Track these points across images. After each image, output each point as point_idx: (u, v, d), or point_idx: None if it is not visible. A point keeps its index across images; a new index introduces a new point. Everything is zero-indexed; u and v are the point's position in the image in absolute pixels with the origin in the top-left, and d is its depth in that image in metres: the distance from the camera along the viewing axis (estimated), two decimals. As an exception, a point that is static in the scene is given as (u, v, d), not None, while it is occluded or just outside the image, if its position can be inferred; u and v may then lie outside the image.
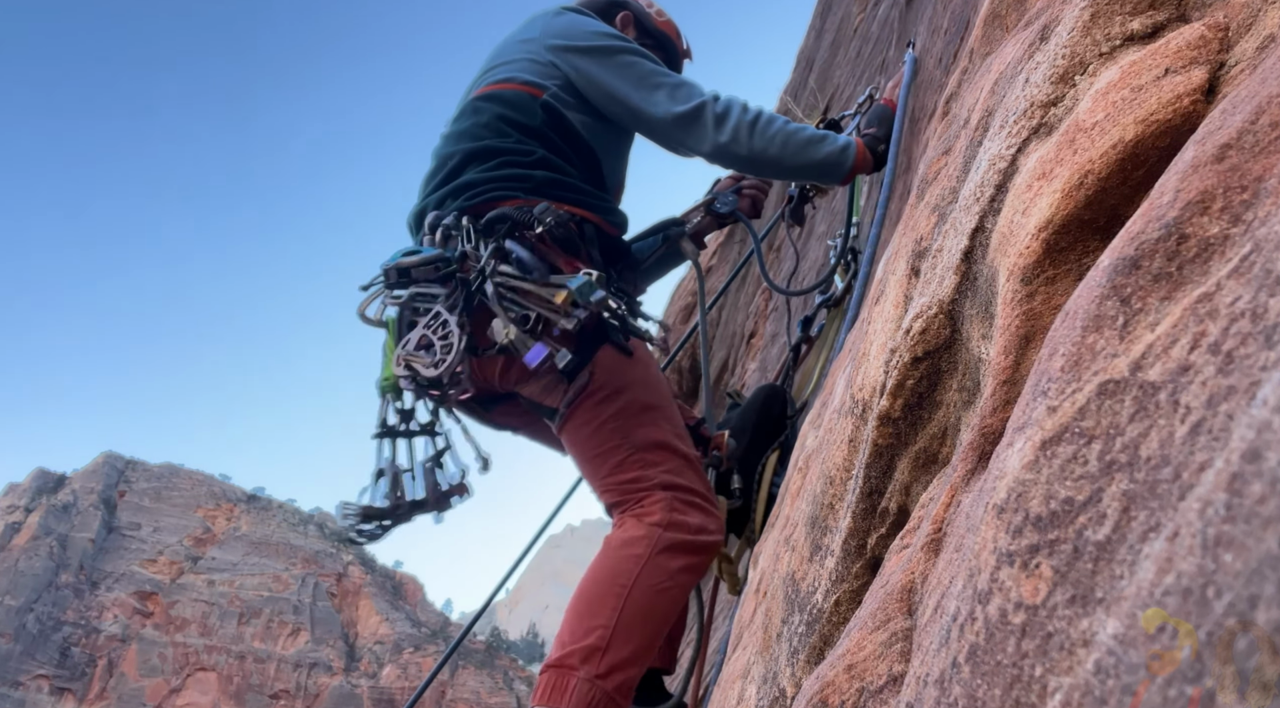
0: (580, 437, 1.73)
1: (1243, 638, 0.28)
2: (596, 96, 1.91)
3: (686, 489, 1.66)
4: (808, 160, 1.93)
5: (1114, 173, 0.64)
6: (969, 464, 0.69)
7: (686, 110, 1.87)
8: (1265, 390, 0.32)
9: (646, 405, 1.72)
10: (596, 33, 1.94)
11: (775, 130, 1.91)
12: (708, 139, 1.88)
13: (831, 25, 6.95)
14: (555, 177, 1.81)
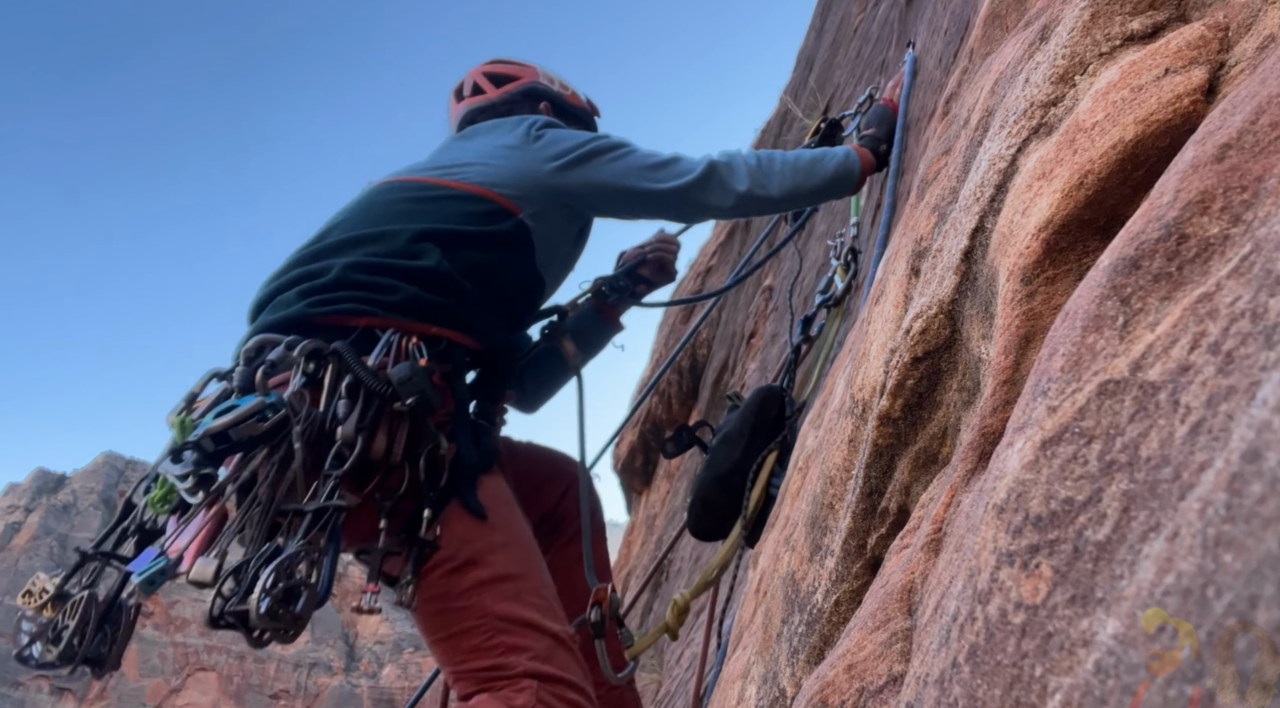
0: (427, 613, 1.48)
1: (1243, 638, 0.28)
2: (600, 201, 1.83)
3: (557, 679, 1.43)
4: (821, 179, 1.93)
5: (1114, 173, 0.64)
6: (969, 464, 0.69)
7: (699, 176, 1.84)
8: (1265, 390, 0.32)
9: (507, 575, 1.48)
10: (583, 139, 1.84)
11: (781, 163, 1.91)
12: (731, 192, 1.86)
13: (831, 25, 6.95)
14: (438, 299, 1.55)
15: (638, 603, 6.50)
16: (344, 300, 1.51)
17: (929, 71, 2.26)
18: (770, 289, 5.90)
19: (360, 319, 1.49)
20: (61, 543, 55.36)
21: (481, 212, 1.69)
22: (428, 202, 1.70)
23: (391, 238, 1.62)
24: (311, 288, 1.53)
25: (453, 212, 1.68)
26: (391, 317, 1.51)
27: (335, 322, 1.49)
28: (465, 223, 1.66)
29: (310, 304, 1.50)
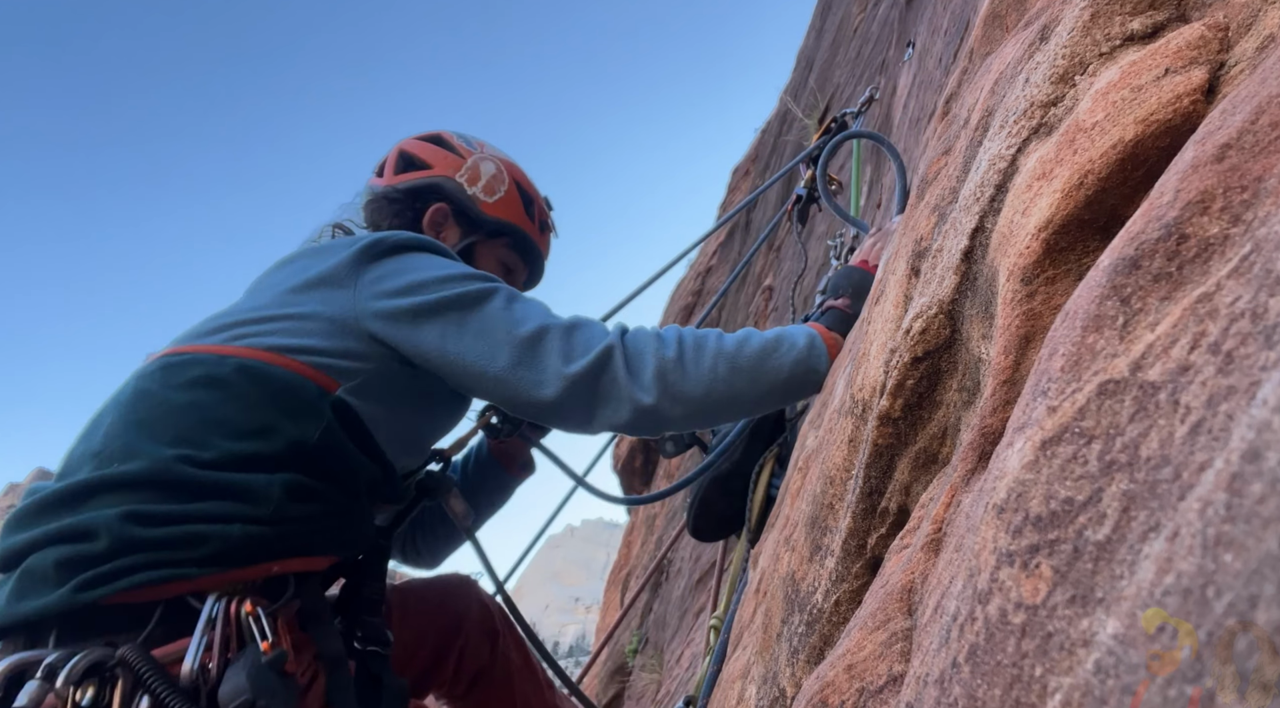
0: None
1: (1243, 638, 0.28)
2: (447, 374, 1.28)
3: None
4: (772, 382, 1.30)
5: (1114, 173, 0.64)
6: (969, 464, 0.69)
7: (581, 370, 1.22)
8: (1265, 390, 0.32)
9: None
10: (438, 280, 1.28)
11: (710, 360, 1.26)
12: (624, 405, 1.23)
13: (831, 25, 6.96)
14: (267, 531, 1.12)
15: (638, 603, 6.51)
16: (131, 571, 1.03)
17: (929, 71, 2.26)
18: (770, 289, 5.90)
19: (161, 589, 1.05)
20: (61, 543, 55.39)
21: (281, 394, 1.19)
22: (209, 388, 1.17)
23: (175, 463, 1.12)
24: (76, 558, 1.04)
25: (245, 402, 1.17)
26: (207, 573, 1.07)
27: (125, 600, 1.04)
28: (266, 417, 1.17)
29: (78, 587, 1.02)
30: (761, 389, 1.30)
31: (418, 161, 1.63)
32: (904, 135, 2.75)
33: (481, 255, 1.63)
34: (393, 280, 1.29)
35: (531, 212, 1.68)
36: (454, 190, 1.59)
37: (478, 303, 1.28)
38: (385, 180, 1.62)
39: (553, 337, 1.26)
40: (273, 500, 1.13)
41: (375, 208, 1.61)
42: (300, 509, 1.15)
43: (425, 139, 1.67)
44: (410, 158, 1.63)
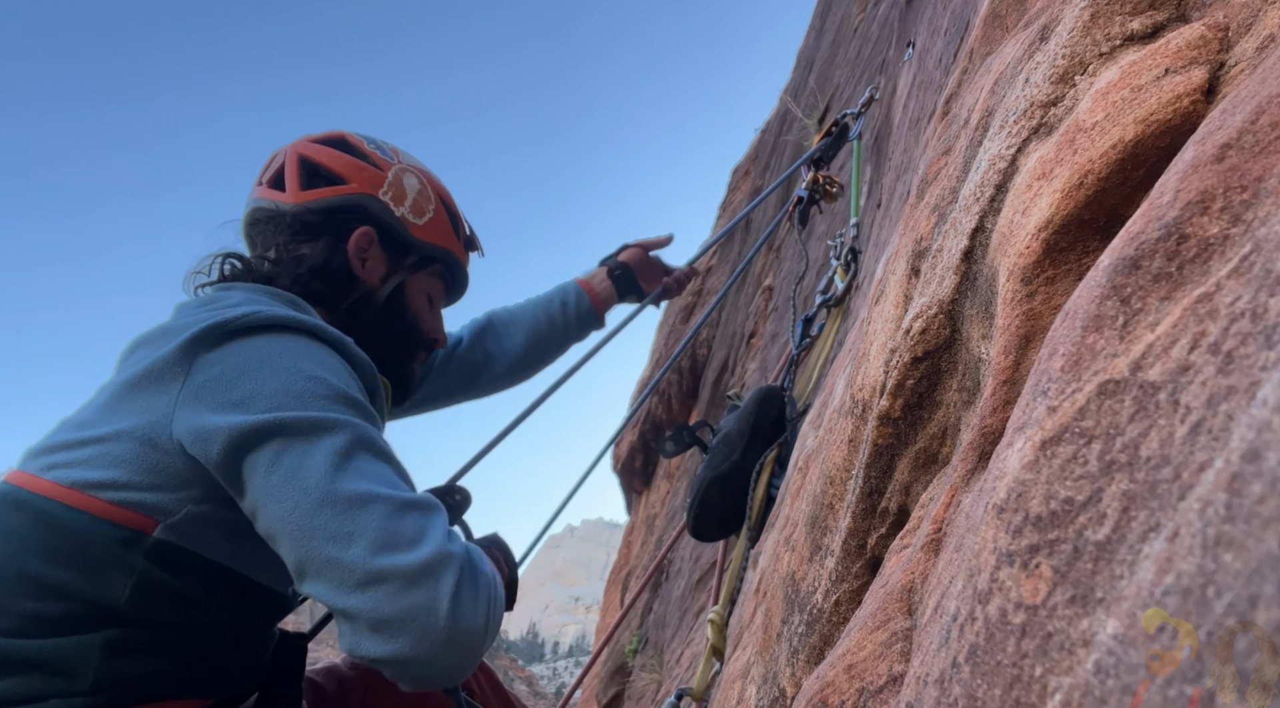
0: None
1: (1243, 638, 0.28)
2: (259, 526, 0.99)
3: None
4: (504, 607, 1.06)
5: (1114, 173, 0.64)
6: (969, 464, 0.69)
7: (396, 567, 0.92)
8: (1265, 390, 0.32)
9: None
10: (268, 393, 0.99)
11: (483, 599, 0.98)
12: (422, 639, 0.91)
13: (831, 25, 6.96)
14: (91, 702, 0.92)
15: (638, 603, 6.51)
16: None
17: (929, 71, 2.26)
18: (770, 289, 5.90)
19: None
20: (61, 543, 55.30)
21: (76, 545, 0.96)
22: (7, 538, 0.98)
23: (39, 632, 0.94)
24: None
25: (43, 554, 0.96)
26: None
27: None
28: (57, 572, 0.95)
29: None
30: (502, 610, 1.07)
31: (328, 174, 1.29)
32: (904, 135, 2.75)
33: (411, 292, 1.36)
34: (223, 384, 1.00)
35: (459, 230, 1.44)
36: (379, 211, 1.29)
37: (311, 434, 0.97)
38: (291, 196, 1.27)
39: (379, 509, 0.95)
40: (90, 668, 0.93)
41: (282, 232, 1.26)
42: (132, 668, 0.96)
43: (327, 143, 1.34)
44: (316, 168, 1.30)
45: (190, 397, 0.99)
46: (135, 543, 0.97)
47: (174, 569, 0.99)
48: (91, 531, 0.96)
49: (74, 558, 0.95)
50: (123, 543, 0.97)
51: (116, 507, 0.97)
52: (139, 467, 0.98)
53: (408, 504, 0.97)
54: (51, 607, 0.94)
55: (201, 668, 1.02)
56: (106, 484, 0.97)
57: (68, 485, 0.98)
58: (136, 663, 0.96)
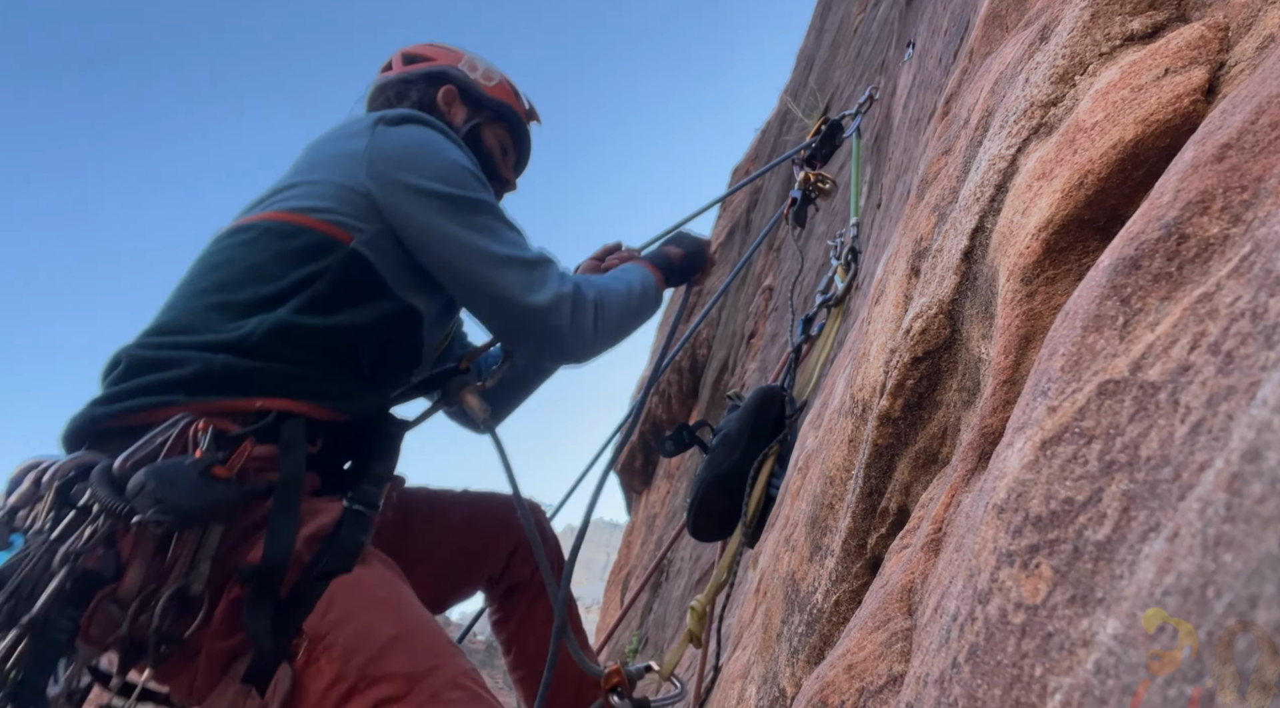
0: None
1: (1243, 638, 0.28)
2: (425, 259, 1.41)
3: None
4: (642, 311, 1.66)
5: (1114, 173, 0.64)
6: (969, 464, 0.69)
7: (545, 303, 1.42)
8: (1265, 390, 0.32)
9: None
10: (441, 168, 1.43)
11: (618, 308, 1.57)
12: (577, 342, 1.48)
13: (831, 25, 6.96)
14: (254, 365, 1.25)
15: (638, 603, 6.51)
16: (131, 394, 1.21)
17: (929, 71, 2.26)
18: (770, 289, 5.91)
19: (149, 414, 1.19)
20: (61, 543, 55.33)
21: (299, 248, 1.34)
22: (243, 247, 1.37)
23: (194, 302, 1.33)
24: (104, 386, 1.26)
25: (268, 254, 1.35)
26: (183, 399, 1.20)
27: (125, 423, 1.19)
28: (281, 267, 1.33)
29: (95, 405, 1.23)
30: (640, 315, 1.67)
31: (422, 57, 1.82)
32: (904, 135, 2.75)
33: (485, 136, 1.81)
34: (398, 153, 1.43)
35: (521, 100, 1.89)
36: (459, 75, 1.78)
37: (477, 208, 1.44)
38: (394, 71, 1.78)
39: (539, 263, 1.48)
40: (257, 337, 1.27)
41: (392, 92, 1.75)
42: (287, 351, 1.28)
43: (423, 45, 1.87)
44: (414, 55, 1.82)
45: (378, 157, 1.41)
46: (334, 248, 1.35)
47: (357, 274, 1.36)
48: (305, 235, 1.35)
49: (292, 255, 1.33)
50: (328, 244, 1.35)
51: (323, 222, 1.36)
52: (338, 200, 1.38)
53: (536, 261, 1.46)
54: (264, 289, 1.31)
55: (323, 378, 1.31)
56: (316, 209, 1.38)
57: (287, 211, 1.38)
58: (289, 349, 1.28)
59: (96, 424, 1.21)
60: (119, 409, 1.21)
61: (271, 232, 1.37)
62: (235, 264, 1.35)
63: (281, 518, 1.18)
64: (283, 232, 1.36)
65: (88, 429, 1.22)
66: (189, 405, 1.19)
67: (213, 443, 1.15)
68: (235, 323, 1.28)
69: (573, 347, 1.50)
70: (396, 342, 1.45)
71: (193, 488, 1.10)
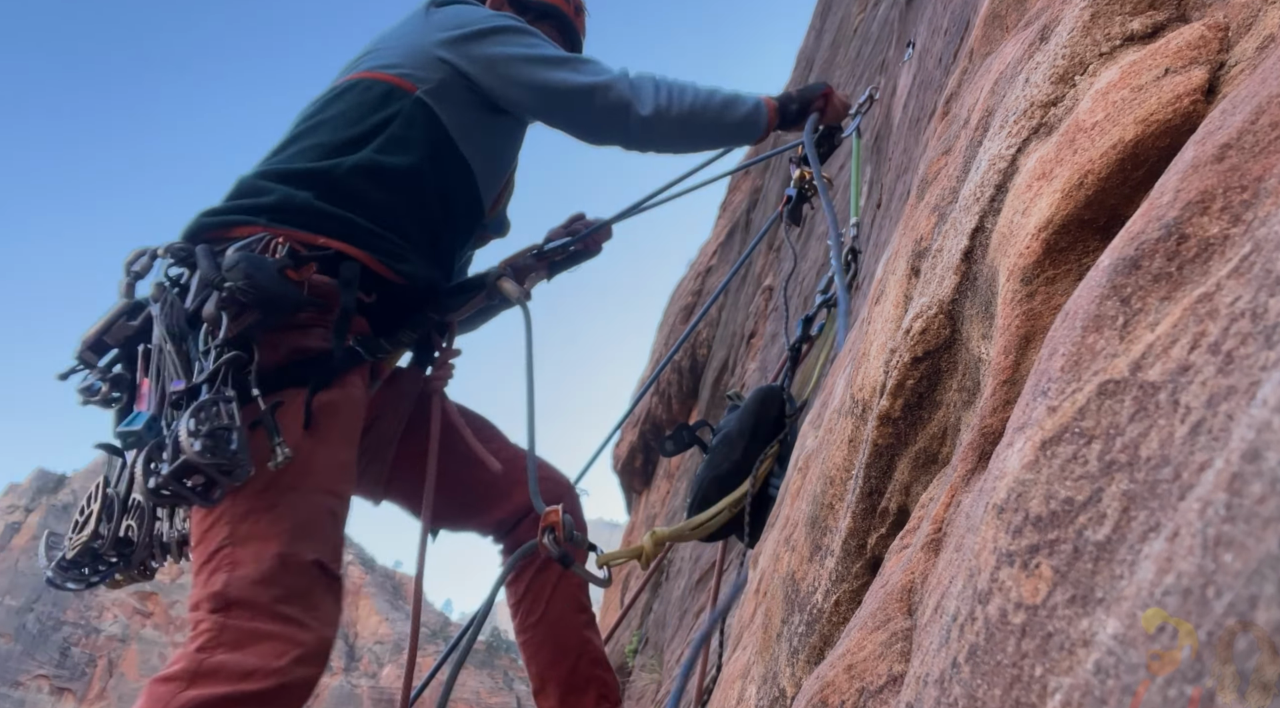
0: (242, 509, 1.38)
1: (1243, 638, 0.28)
2: (495, 83, 1.72)
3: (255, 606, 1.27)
4: (727, 124, 1.86)
5: (1114, 173, 0.64)
6: (969, 464, 0.69)
7: (605, 82, 1.71)
8: (1265, 390, 0.32)
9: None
10: (488, 15, 1.77)
11: (693, 99, 1.79)
12: (634, 113, 1.72)
13: (831, 25, 6.96)
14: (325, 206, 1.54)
15: (638, 603, 6.51)
16: (229, 211, 1.55)
17: (929, 71, 2.26)
18: (770, 289, 5.91)
19: (239, 229, 1.51)
20: (61, 543, 55.26)
21: (375, 98, 1.65)
22: (336, 102, 1.69)
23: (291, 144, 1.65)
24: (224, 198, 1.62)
25: (350, 103, 1.66)
26: (265, 223, 1.51)
27: (221, 234, 1.52)
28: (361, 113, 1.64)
29: (202, 216, 1.56)
30: (720, 128, 1.84)
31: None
32: (904, 135, 2.75)
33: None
34: (451, 19, 1.75)
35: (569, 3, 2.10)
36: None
37: (521, 32, 1.75)
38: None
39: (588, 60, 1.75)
40: (341, 172, 1.55)
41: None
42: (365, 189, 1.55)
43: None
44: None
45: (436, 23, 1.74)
46: (404, 94, 1.65)
47: (422, 119, 1.64)
48: (377, 86, 1.65)
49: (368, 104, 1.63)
50: (396, 92, 1.64)
51: (393, 76, 1.67)
52: (406, 59, 1.69)
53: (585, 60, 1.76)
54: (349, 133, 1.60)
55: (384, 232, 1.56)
56: (389, 65, 1.69)
57: (365, 70, 1.71)
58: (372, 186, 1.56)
59: (203, 231, 1.53)
60: (217, 222, 1.53)
61: (356, 87, 1.68)
62: (328, 112, 1.66)
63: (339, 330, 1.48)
64: (364, 86, 1.66)
65: (196, 233, 1.53)
66: (269, 229, 1.49)
67: (288, 255, 1.45)
68: (326, 160, 1.57)
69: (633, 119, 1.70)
70: (457, 191, 1.71)
71: (272, 277, 1.39)
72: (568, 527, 1.45)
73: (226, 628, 1.27)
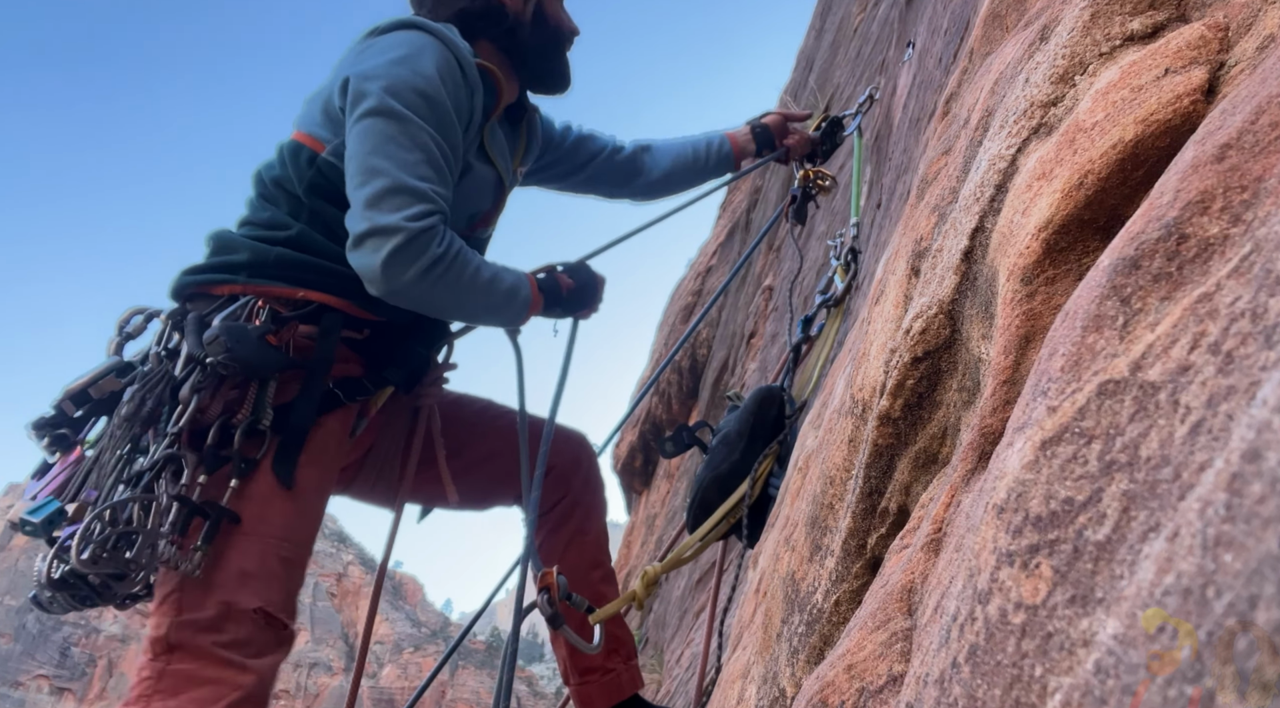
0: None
1: (1243, 638, 0.28)
2: None
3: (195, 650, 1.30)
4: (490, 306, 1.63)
5: (1114, 173, 0.64)
6: (969, 464, 0.69)
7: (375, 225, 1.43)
8: (1265, 390, 0.32)
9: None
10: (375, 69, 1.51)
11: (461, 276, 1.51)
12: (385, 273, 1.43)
13: (831, 25, 6.96)
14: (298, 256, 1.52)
15: (638, 603, 6.50)
16: (209, 270, 1.54)
17: (929, 71, 2.26)
18: (770, 289, 5.91)
19: (220, 288, 1.51)
20: (61, 543, 55.30)
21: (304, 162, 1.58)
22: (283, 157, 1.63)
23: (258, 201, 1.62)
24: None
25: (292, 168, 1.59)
26: (243, 280, 1.51)
27: (203, 291, 1.53)
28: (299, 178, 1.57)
29: (185, 274, 1.55)
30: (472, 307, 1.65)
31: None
32: (904, 135, 2.75)
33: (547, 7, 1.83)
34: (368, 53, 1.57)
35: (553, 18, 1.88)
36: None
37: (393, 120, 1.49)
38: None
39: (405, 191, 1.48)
40: (296, 232, 1.54)
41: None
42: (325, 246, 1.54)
43: None
44: None
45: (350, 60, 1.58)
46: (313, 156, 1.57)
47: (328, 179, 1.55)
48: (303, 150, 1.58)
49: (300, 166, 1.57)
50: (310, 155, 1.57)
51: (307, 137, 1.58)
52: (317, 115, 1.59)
53: (403, 188, 1.46)
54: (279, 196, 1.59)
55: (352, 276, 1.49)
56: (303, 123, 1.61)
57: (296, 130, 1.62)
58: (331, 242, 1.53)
59: (186, 289, 1.54)
60: (199, 280, 1.53)
61: (283, 151, 1.63)
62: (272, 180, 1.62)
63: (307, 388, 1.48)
64: (287, 150, 1.62)
65: (181, 292, 1.55)
66: (248, 286, 1.50)
67: (269, 318, 1.46)
68: (286, 219, 1.56)
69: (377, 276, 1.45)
70: None
71: (253, 346, 1.40)
72: (562, 588, 1.39)
73: (165, 674, 1.31)
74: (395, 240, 1.42)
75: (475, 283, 1.55)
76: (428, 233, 1.45)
